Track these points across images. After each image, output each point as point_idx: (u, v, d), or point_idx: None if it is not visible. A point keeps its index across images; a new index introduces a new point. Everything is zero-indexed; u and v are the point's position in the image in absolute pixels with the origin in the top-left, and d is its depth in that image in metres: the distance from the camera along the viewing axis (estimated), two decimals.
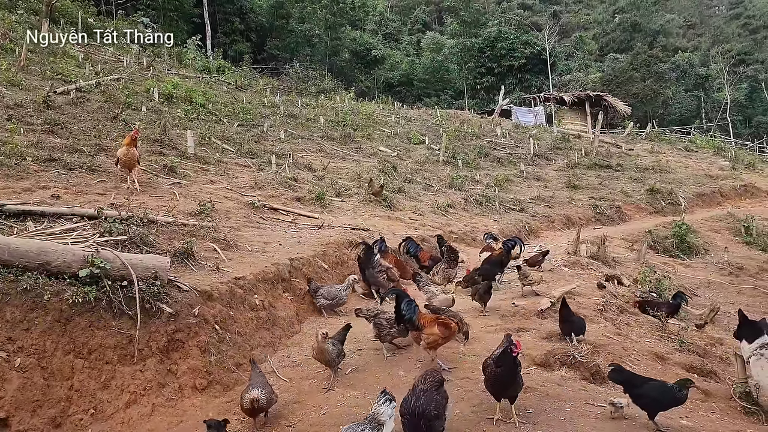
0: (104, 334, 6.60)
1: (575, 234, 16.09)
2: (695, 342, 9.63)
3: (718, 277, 15.97)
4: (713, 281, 15.37)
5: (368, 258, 9.86)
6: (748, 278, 16.29)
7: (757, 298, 14.66)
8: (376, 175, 17.99)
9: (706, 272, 16.38)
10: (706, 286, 14.87)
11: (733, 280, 15.93)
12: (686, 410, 6.58)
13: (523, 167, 24.67)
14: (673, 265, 16.54)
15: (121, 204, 10.09)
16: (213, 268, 8.34)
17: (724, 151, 33.70)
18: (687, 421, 5.85)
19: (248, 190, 13.93)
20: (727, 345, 10.39)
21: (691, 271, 16.29)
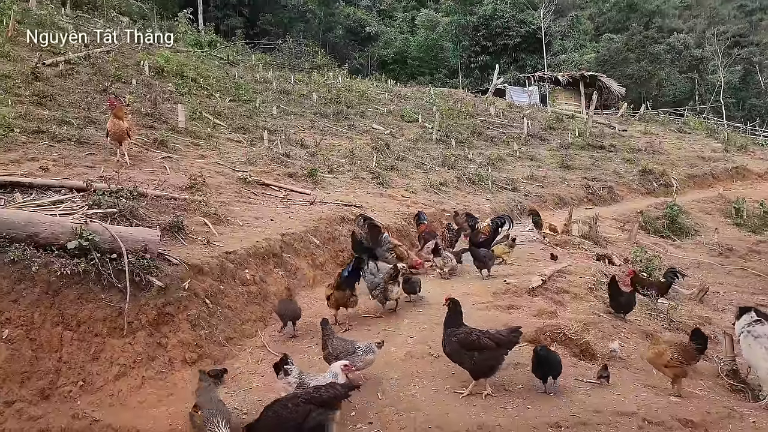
0: (93, 307, 6.55)
1: (567, 214, 16.17)
2: (684, 321, 9.70)
3: (708, 258, 16.08)
4: (703, 262, 15.47)
5: (376, 236, 9.93)
6: (737, 259, 16.40)
7: (746, 278, 14.77)
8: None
9: (696, 253, 16.48)
10: (696, 267, 14.96)
11: (723, 261, 16.03)
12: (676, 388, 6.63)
13: (516, 147, 24.58)
14: (664, 245, 16.65)
15: (111, 177, 9.95)
16: (204, 242, 8.28)
17: (717, 134, 33.72)
18: (675, 398, 5.88)
19: (240, 165, 13.80)
20: (716, 324, 10.49)
21: (681, 251, 16.38)
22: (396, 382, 6.25)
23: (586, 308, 8.88)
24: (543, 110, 36.57)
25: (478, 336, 5.96)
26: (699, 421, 5.29)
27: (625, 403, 5.59)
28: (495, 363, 5.93)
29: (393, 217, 12.43)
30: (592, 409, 5.46)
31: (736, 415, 5.53)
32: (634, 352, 7.56)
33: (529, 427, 5.28)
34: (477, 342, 5.91)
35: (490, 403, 5.77)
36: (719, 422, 5.37)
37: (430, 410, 5.65)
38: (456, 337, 6.05)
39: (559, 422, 5.30)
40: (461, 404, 5.76)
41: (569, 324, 7.57)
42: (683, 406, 5.60)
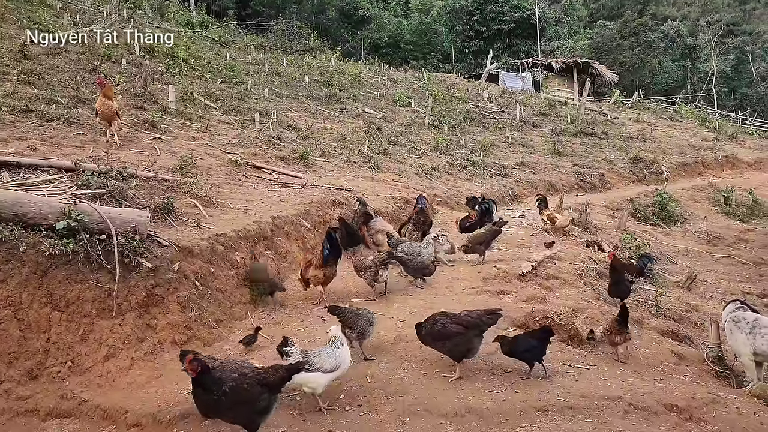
0: (82, 288, 6.53)
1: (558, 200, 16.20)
2: (671, 308, 9.78)
3: (697, 246, 16.17)
4: (691, 250, 15.56)
5: (367, 222, 10.12)
6: (725, 247, 16.51)
7: (733, 267, 14.89)
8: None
9: (685, 241, 16.57)
10: (684, 255, 15.04)
11: (711, 249, 16.13)
12: (661, 373, 6.71)
13: (508, 133, 24.55)
14: (653, 233, 16.71)
15: (100, 157, 9.85)
16: (194, 224, 8.25)
17: (708, 122, 33.77)
18: (661, 383, 5.94)
19: (231, 147, 13.73)
20: (702, 311, 10.59)
21: (670, 239, 16.46)
22: (385, 365, 6.28)
23: (575, 294, 8.94)
24: (536, 96, 36.53)
25: (443, 324, 6.01)
26: (684, 406, 5.35)
27: (612, 388, 5.64)
28: (470, 345, 6.00)
29: (384, 202, 12.42)
30: (579, 394, 5.51)
31: (721, 401, 5.59)
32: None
33: (516, 410, 5.32)
34: (443, 331, 5.99)
35: (478, 386, 5.81)
36: (704, 407, 5.42)
37: (419, 393, 5.69)
38: (424, 330, 6.16)
39: (546, 406, 5.34)
40: (449, 387, 5.79)
41: (558, 309, 7.61)
42: (668, 392, 5.66)
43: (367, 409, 5.54)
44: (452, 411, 5.36)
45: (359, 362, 6.32)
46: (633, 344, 7.48)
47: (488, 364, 6.30)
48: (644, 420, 5.12)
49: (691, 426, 5.14)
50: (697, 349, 8.29)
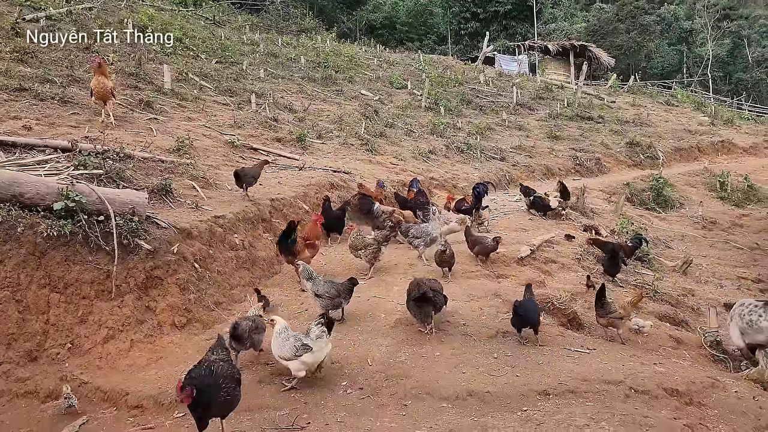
0: (80, 269, 6.48)
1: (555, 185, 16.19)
2: (668, 293, 9.82)
3: (692, 231, 16.23)
4: (687, 234, 15.61)
5: (367, 207, 10.09)
6: (720, 232, 16.58)
7: (729, 252, 14.95)
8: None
9: (680, 225, 16.63)
10: (680, 239, 15.09)
11: (707, 234, 16.20)
12: (659, 357, 6.74)
13: (505, 116, 24.47)
14: (649, 217, 16.75)
15: (96, 137, 9.77)
16: (192, 205, 8.19)
17: (704, 107, 33.76)
18: (660, 368, 5.97)
19: (227, 128, 13.61)
20: (698, 296, 10.65)
21: (666, 223, 16.51)
22: (386, 348, 6.27)
23: (574, 278, 8.97)
24: (532, 79, 36.37)
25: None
26: (684, 390, 5.38)
27: (612, 372, 5.66)
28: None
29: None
30: (580, 378, 5.52)
31: (720, 385, 5.62)
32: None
33: (517, 394, 5.33)
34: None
35: (479, 370, 5.81)
36: (703, 391, 5.46)
37: (420, 376, 5.69)
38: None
39: (547, 390, 5.36)
40: (450, 371, 5.80)
41: (557, 294, 7.62)
42: (668, 376, 5.68)
43: (369, 392, 5.54)
44: (454, 394, 5.37)
45: (360, 346, 6.32)
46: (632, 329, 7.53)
47: (488, 348, 6.30)
48: (645, 404, 5.14)
49: (691, 410, 5.17)
50: (695, 333, 8.35)
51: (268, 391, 5.65)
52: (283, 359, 5.58)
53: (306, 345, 5.50)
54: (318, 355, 5.55)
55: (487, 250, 8.72)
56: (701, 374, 5.92)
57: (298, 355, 5.49)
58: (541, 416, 4.80)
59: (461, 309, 7.12)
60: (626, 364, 5.96)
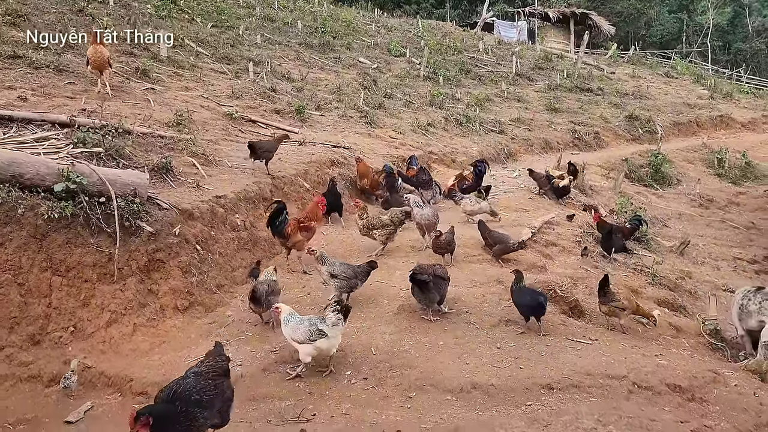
0: (82, 252, 6.42)
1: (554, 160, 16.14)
2: (667, 276, 9.87)
3: (689, 209, 16.28)
4: (684, 213, 15.66)
5: (392, 184, 10.36)
6: (717, 210, 16.65)
7: (725, 231, 15.04)
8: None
9: (677, 203, 16.67)
10: (677, 218, 15.15)
11: (703, 212, 16.26)
12: (660, 347, 6.79)
13: (504, 87, 24.21)
14: (647, 194, 16.78)
15: (93, 110, 9.60)
16: (193, 185, 8.08)
17: (704, 80, 33.52)
18: (663, 360, 6.01)
19: (225, 99, 13.40)
20: (695, 278, 10.74)
21: (663, 201, 16.54)
22: (389, 336, 6.28)
23: (574, 262, 8.99)
24: (532, 48, 35.91)
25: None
26: (686, 386, 5.42)
27: (615, 366, 5.70)
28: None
29: (382, 161, 12.23)
30: (583, 372, 5.55)
31: (721, 380, 5.68)
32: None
33: (522, 387, 5.37)
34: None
35: (482, 361, 5.84)
36: (705, 387, 5.51)
37: (424, 367, 5.71)
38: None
39: (551, 383, 5.39)
40: (454, 362, 5.82)
41: (559, 280, 7.63)
42: (671, 370, 5.73)
43: (373, 383, 5.57)
44: (458, 387, 5.40)
45: (363, 334, 6.33)
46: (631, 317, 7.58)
47: (491, 338, 6.32)
48: (648, 400, 5.19)
49: (693, 406, 5.23)
50: (693, 318, 8.44)
51: (272, 380, 5.67)
52: (295, 341, 5.57)
53: (321, 330, 5.50)
54: (333, 342, 5.57)
55: (508, 251, 8.43)
56: (702, 368, 5.97)
57: (313, 339, 5.49)
58: (548, 416, 4.83)
59: (464, 296, 7.13)
60: (629, 356, 6.00)
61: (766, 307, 7.20)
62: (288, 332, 5.63)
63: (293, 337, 5.60)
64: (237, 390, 5.47)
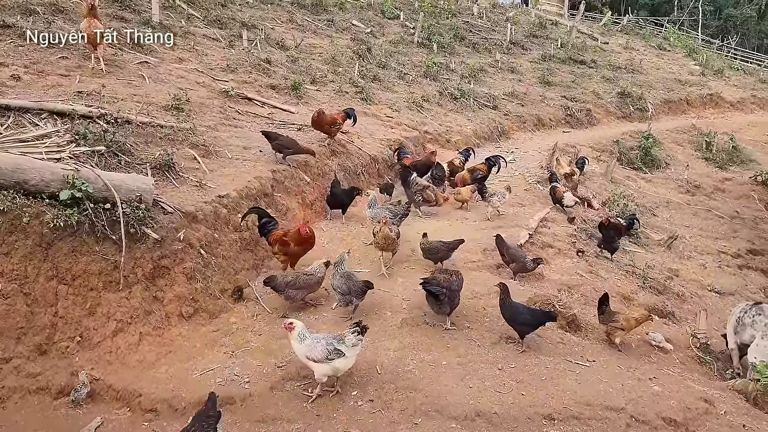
0: (88, 260, 6.38)
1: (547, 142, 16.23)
2: (656, 278, 10.09)
3: (676, 195, 16.50)
4: (672, 201, 15.88)
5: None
6: (703, 198, 16.90)
7: (710, 221, 15.33)
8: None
9: (666, 188, 16.87)
10: (665, 206, 15.36)
11: (690, 199, 16.49)
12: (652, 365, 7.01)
13: (498, 56, 23.96)
14: (636, 179, 16.94)
15: (89, 92, 9.38)
16: (196, 183, 8.00)
17: (696, 53, 33.43)
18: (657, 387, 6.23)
19: (220, 72, 13.13)
20: (683, 277, 11.00)
21: (652, 186, 16.72)
22: (393, 354, 6.40)
23: (570, 267, 9.14)
24: (526, 12, 35.39)
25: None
26: (681, 420, 5.64)
27: (614, 396, 5.89)
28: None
29: (379, 145, 12.20)
30: (583, 402, 5.74)
31: (713, 411, 5.92)
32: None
33: (524, 417, 5.54)
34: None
35: (485, 384, 5.99)
36: (698, 419, 5.74)
37: (429, 390, 5.85)
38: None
39: (552, 414, 5.57)
40: (458, 384, 5.97)
41: (557, 293, 7.77)
42: (665, 399, 5.95)
43: (380, 406, 5.70)
44: (462, 414, 5.56)
45: (368, 351, 6.44)
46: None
47: (493, 357, 6.47)
48: None
49: None
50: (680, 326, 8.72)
51: (280, 399, 5.77)
52: (311, 360, 5.64)
53: (339, 350, 5.58)
54: (349, 362, 5.66)
55: (525, 271, 8.40)
56: (695, 395, 6.20)
57: (330, 359, 5.57)
58: None
59: (465, 308, 7.25)
60: (625, 383, 6.19)
61: (757, 321, 7.44)
62: (302, 350, 5.70)
63: (309, 356, 5.67)
64: (245, 410, 5.66)
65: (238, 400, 5.73)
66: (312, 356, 5.64)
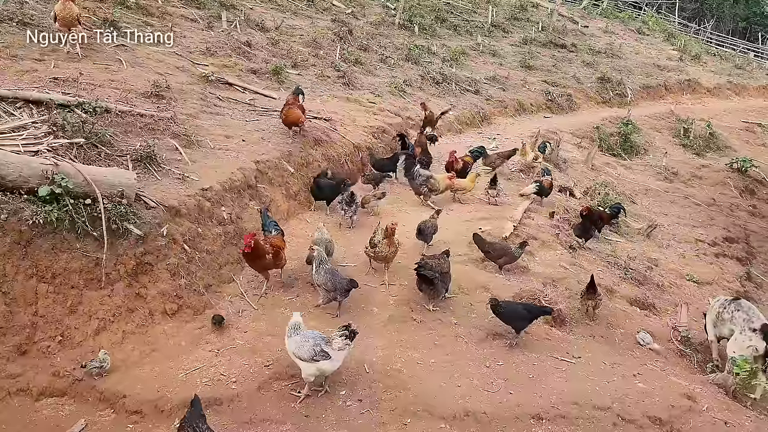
0: (68, 257, 6.22)
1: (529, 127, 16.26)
2: (637, 268, 10.18)
3: (655, 183, 16.66)
4: (650, 188, 16.03)
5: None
6: (680, 185, 17.08)
7: (688, 209, 15.52)
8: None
9: (644, 176, 17.03)
10: (644, 193, 15.51)
11: (668, 186, 16.66)
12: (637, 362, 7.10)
13: (480, 39, 23.86)
14: (615, 165, 17.07)
15: (66, 79, 9.09)
16: (178, 175, 7.81)
17: (674, 38, 33.63)
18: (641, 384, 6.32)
19: (199, 56, 12.85)
20: (662, 267, 11.12)
21: (631, 173, 16.87)
22: (381, 352, 6.38)
23: (554, 259, 9.17)
24: None
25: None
26: (666, 419, 5.74)
27: (600, 394, 5.96)
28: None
29: (362, 133, 12.05)
30: (570, 401, 5.80)
31: (696, 408, 6.03)
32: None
33: (513, 417, 5.59)
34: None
35: (474, 383, 6.02)
36: (682, 417, 5.85)
37: (418, 389, 5.86)
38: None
39: (540, 413, 5.62)
40: (447, 383, 5.99)
41: (542, 288, 7.80)
42: (650, 397, 6.04)
43: (368, 406, 5.69)
44: (451, 414, 5.59)
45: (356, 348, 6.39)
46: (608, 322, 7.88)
47: (481, 355, 6.50)
48: None
49: None
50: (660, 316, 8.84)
51: (268, 400, 5.73)
52: (298, 358, 5.60)
53: (325, 352, 5.53)
54: (335, 365, 5.62)
55: (513, 260, 8.41)
56: (678, 391, 6.30)
57: (315, 359, 5.52)
58: None
59: (452, 304, 7.27)
60: (611, 380, 6.27)
61: (736, 317, 7.54)
62: (291, 347, 5.65)
63: (295, 353, 5.62)
64: (233, 412, 5.60)
65: (225, 401, 5.67)
66: (299, 354, 5.59)
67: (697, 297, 10.53)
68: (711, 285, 11.27)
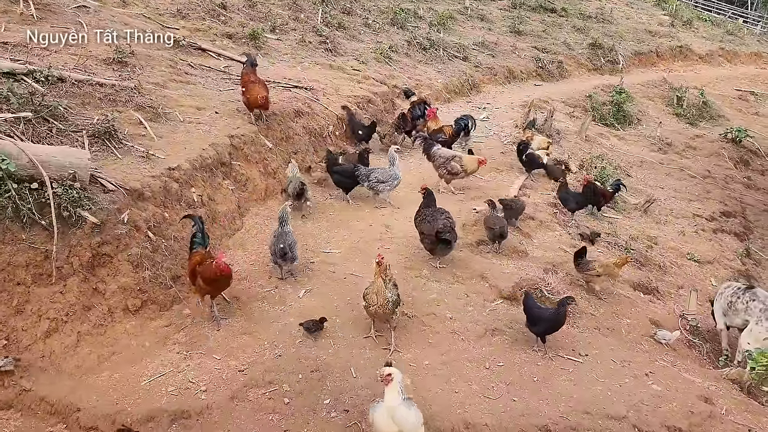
0: (13, 250, 5.45)
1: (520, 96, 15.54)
2: (637, 249, 9.63)
3: (649, 154, 16.07)
4: (645, 160, 15.44)
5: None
6: (675, 156, 16.50)
7: (683, 181, 14.97)
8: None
9: (638, 146, 16.42)
10: (639, 166, 14.92)
11: (663, 158, 16.08)
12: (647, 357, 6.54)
13: (468, 2, 22.86)
14: (609, 136, 16.43)
15: (17, 44, 8.18)
16: (142, 153, 7.00)
17: (665, 2, 32.73)
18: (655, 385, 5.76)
19: (170, 18, 11.90)
20: (662, 245, 10.58)
21: (625, 144, 16.24)
22: (369, 353, 5.76)
23: (553, 241, 8.56)
24: None
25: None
26: (686, 428, 5.20)
27: (613, 400, 5.39)
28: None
29: (347, 102, 11.21)
30: (581, 410, 5.22)
31: (716, 414, 5.48)
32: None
33: (517, 428, 5.00)
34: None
35: (473, 388, 5.42)
36: (702, 425, 5.30)
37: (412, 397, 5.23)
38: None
39: (548, 425, 5.04)
40: (442, 389, 5.39)
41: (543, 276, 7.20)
42: (667, 402, 5.48)
43: (356, 417, 5.09)
44: (449, 426, 5.00)
45: (341, 348, 5.78)
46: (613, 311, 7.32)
47: (479, 354, 5.90)
48: None
49: None
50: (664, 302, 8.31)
51: (243, 412, 5.09)
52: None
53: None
54: None
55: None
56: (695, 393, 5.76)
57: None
58: None
59: (447, 295, 6.63)
60: (622, 383, 5.70)
61: (752, 307, 7.03)
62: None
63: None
64: (202, 427, 4.95)
65: (194, 415, 5.01)
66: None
67: (699, 277, 10.05)
68: (712, 264, 10.79)
